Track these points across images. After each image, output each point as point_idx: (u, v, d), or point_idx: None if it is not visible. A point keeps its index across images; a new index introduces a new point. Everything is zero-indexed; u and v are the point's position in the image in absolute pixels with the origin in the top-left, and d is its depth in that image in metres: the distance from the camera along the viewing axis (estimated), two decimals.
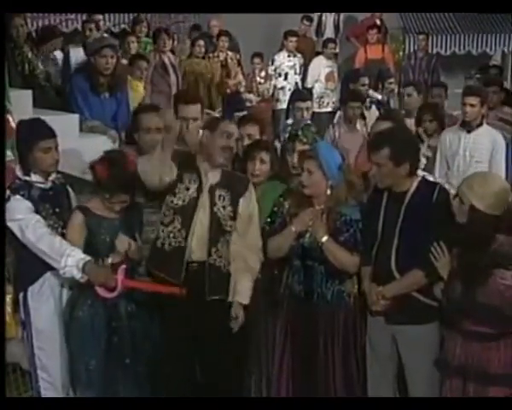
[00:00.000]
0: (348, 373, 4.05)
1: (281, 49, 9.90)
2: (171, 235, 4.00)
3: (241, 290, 4.03)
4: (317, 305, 4.02)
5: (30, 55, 6.57)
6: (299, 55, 9.85)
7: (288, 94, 9.21)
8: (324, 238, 3.89)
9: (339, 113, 7.57)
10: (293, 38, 9.77)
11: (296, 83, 9.66)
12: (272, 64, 9.70)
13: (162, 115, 4.35)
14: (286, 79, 9.65)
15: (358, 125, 6.67)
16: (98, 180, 3.95)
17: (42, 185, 4.03)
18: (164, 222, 4.03)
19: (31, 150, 3.98)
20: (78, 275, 3.82)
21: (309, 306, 4.03)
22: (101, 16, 9.13)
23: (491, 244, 3.48)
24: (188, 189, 3.98)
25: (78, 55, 7.04)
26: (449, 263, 3.64)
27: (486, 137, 5.73)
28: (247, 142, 4.57)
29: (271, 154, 4.49)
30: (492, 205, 3.50)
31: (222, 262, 4.03)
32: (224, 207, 4.00)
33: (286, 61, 9.72)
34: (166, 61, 8.17)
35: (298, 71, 9.77)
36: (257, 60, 9.51)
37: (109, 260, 3.91)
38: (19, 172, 4.04)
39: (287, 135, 5.96)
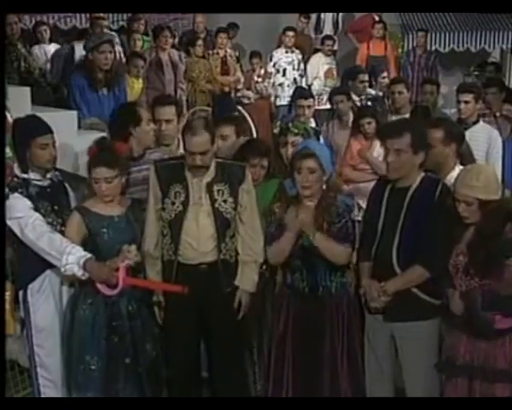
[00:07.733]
0: (354, 363, 4.05)
1: (279, 46, 9.89)
2: (166, 247, 4.03)
3: (247, 279, 4.06)
4: (322, 299, 4.01)
5: (24, 51, 6.56)
6: (296, 51, 9.81)
7: (287, 90, 9.28)
8: (316, 235, 3.90)
9: None
10: (291, 33, 9.73)
11: (295, 78, 9.63)
12: (271, 60, 9.68)
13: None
14: (284, 74, 9.64)
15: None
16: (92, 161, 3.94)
17: (40, 183, 4.03)
18: (162, 232, 4.04)
19: (28, 147, 3.97)
20: (79, 272, 3.80)
21: (314, 301, 4.02)
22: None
23: (502, 233, 3.51)
24: (173, 203, 3.96)
25: (81, 52, 7.01)
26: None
27: (483, 134, 5.70)
28: (220, 143, 4.46)
29: (270, 157, 4.50)
30: (495, 189, 3.58)
31: (231, 254, 4.05)
32: (224, 200, 3.98)
33: (284, 57, 9.70)
34: (166, 58, 8.12)
35: (296, 66, 9.73)
36: (255, 60, 9.50)
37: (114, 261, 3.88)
38: (17, 170, 4.04)
39: (277, 130, 5.95)
